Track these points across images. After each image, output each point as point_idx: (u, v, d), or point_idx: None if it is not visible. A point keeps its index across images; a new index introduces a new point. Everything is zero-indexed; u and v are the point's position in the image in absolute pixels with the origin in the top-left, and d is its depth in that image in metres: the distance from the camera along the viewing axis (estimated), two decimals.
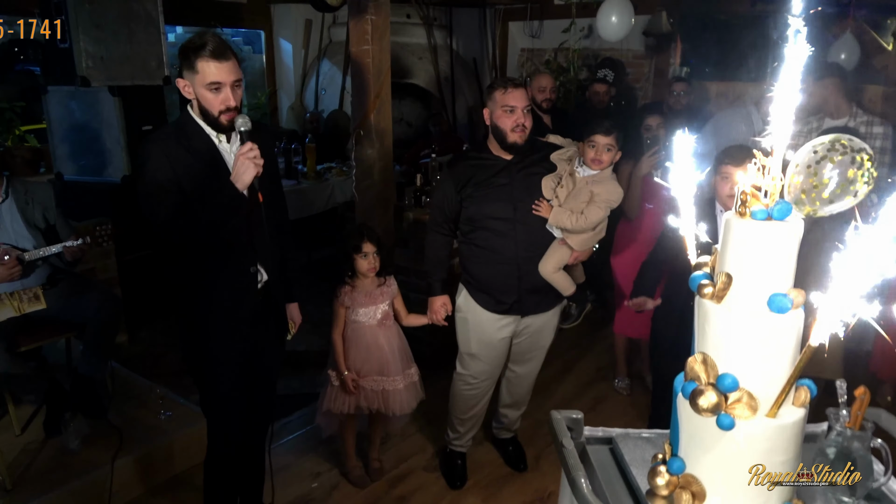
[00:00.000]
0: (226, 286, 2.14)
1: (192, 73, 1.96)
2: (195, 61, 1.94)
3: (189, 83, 1.99)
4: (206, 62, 1.94)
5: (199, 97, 1.99)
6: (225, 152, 2.10)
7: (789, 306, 1.20)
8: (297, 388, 3.71)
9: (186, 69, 1.98)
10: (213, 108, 1.99)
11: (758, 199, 1.22)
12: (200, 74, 1.95)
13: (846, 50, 4.22)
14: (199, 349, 2.20)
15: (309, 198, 5.46)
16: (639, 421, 3.48)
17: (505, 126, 2.50)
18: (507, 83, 2.50)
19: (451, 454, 3.02)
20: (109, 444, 2.81)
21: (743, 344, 1.23)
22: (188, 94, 2.02)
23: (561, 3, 6.36)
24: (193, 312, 2.17)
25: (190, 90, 2.00)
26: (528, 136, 2.52)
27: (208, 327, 2.15)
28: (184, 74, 1.99)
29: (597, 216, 2.50)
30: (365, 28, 3.18)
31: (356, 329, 2.68)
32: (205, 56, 1.93)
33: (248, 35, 7.26)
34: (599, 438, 1.61)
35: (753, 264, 1.22)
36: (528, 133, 2.51)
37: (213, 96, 1.97)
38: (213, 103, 1.98)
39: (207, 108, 2.00)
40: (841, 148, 1.15)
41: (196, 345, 2.20)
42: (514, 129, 2.49)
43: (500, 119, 2.50)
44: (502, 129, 2.51)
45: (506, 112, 2.49)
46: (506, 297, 2.64)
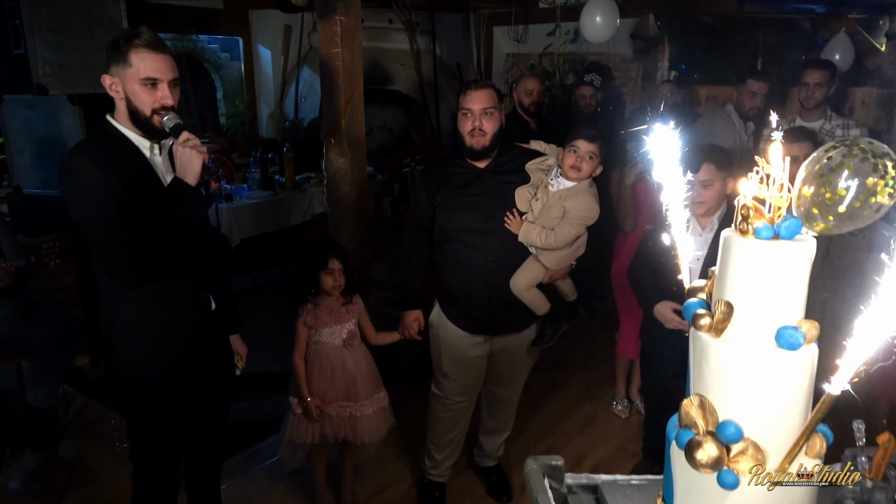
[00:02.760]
0: (177, 314, 1.89)
1: (123, 66, 1.69)
2: (127, 53, 1.68)
3: (117, 80, 1.72)
4: (140, 54, 1.69)
5: (130, 95, 1.72)
6: (158, 166, 1.85)
7: (801, 341, 1.02)
8: (269, 411, 3.50)
9: (116, 63, 1.70)
10: (146, 108, 1.73)
11: (761, 215, 1.03)
12: (133, 68, 1.69)
13: (840, 50, 4.08)
14: (142, 390, 1.90)
15: (286, 209, 5.26)
16: (632, 442, 3.28)
17: (462, 130, 2.33)
18: (468, 85, 2.33)
19: (428, 485, 2.82)
20: (58, 482, 2.59)
21: (747, 386, 1.04)
22: (116, 94, 1.74)
23: (546, 7, 6.21)
24: (138, 347, 1.87)
25: (118, 89, 1.73)
26: (489, 141, 2.33)
27: (155, 362, 1.88)
28: (111, 70, 1.73)
29: (568, 234, 2.30)
30: (334, 30, 2.99)
31: (319, 351, 2.48)
32: (139, 46, 1.69)
33: (226, 42, 7.06)
34: (583, 486, 1.41)
35: (758, 291, 1.03)
36: (488, 138, 2.32)
37: (148, 93, 1.71)
38: (145, 101, 1.72)
39: (138, 107, 1.73)
40: (860, 153, 0.97)
41: (138, 384, 1.90)
42: (471, 133, 2.32)
43: (460, 123, 2.35)
44: (461, 133, 2.35)
45: (464, 115, 2.32)
46: (476, 312, 2.46)
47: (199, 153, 1.73)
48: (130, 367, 1.88)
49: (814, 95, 3.41)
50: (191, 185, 1.74)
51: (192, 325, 1.93)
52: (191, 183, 1.74)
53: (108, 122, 1.80)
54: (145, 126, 1.77)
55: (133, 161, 1.79)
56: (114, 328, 1.86)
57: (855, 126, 3.53)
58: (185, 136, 1.74)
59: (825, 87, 3.40)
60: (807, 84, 3.43)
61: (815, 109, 3.47)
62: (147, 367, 1.89)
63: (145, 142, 1.81)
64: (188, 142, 1.73)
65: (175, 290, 1.88)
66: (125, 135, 1.79)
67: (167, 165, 1.87)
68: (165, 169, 1.87)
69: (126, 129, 1.79)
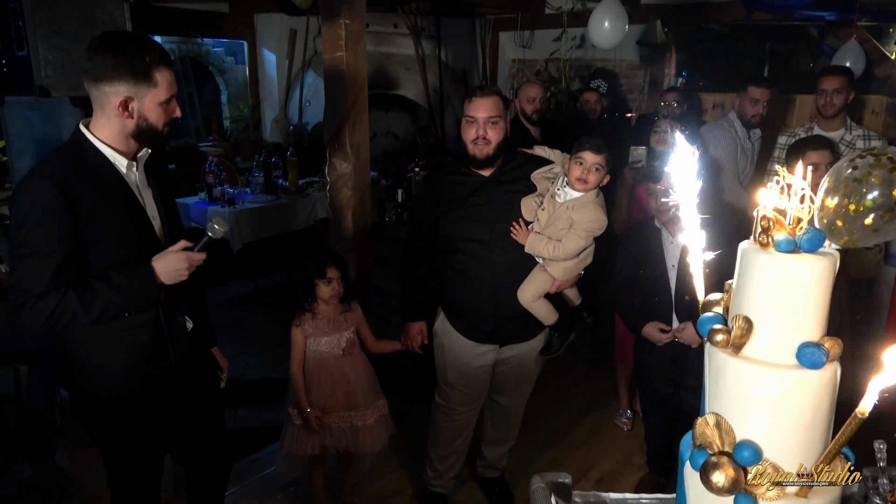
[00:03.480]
0: (150, 346, 1.74)
1: (147, 86, 1.58)
2: (151, 71, 1.58)
3: (134, 98, 1.58)
4: (162, 71, 1.60)
5: (147, 114, 1.62)
6: (133, 184, 1.72)
7: (824, 360, 0.96)
8: (269, 419, 3.46)
9: (133, 81, 1.56)
10: (161, 123, 1.66)
11: (783, 227, 0.98)
12: (158, 88, 1.60)
13: (850, 58, 4.03)
14: (115, 425, 1.78)
15: (289, 213, 5.22)
16: (637, 455, 3.22)
17: (465, 138, 2.29)
18: (473, 91, 2.28)
19: (430, 496, 2.76)
20: (53, 489, 2.54)
21: (766, 405, 0.99)
22: (126, 114, 1.60)
23: (552, 12, 6.18)
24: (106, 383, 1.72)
25: (134, 107, 1.60)
26: (493, 150, 2.29)
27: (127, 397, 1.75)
28: (125, 90, 1.57)
29: (575, 246, 2.24)
30: (338, 33, 2.95)
31: (318, 360, 2.43)
32: (159, 63, 1.59)
33: (231, 45, 7.06)
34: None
35: (778, 306, 0.98)
36: (492, 148, 2.28)
37: (163, 111, 1.64)
38: (161, 118, 1.65)
39: (154, 124, 1.64)
40: (889, 163, 0.92)
41: (110, 420, 1.77)
42: (474, 142, 2.27)
43: (463, 131, 2.30)
44: (464, 141, 2.30)
45: (468, 123, 2.27)
46: (482, 324, 2.41)
47: (188, 273, 1.69)
48: (98, 398, 1.76)
49: (832, 102, 3.32)
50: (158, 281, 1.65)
51: (164, 351, 1.79)
52: (161, 280, 1.66)
53: (82, 133, 1.64)
54: (154, 140, 1.69)
55: (106, 179, 1.65)
56: (76, 357, 1.74)
57: (877, 137, 3.41)
58: (202, 256, 1.71)
59: (843, 93, 3.31)
60: (824, 91, 3.34)
61: (833, 118, 3.37)
62: (116, 398, 1.75)
63: (122, 159, 1.68)
64: (192, 258, 1.68)
65: (141, 321, 1.73)
66: (101, 151, 1.65)
67: (143, 181, 1.77)
68: (141, 184, 1.76)
69: (104, 145, 1.65)
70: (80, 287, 1.57)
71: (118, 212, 1.65)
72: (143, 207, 1.73)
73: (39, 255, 1.53)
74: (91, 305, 1.57)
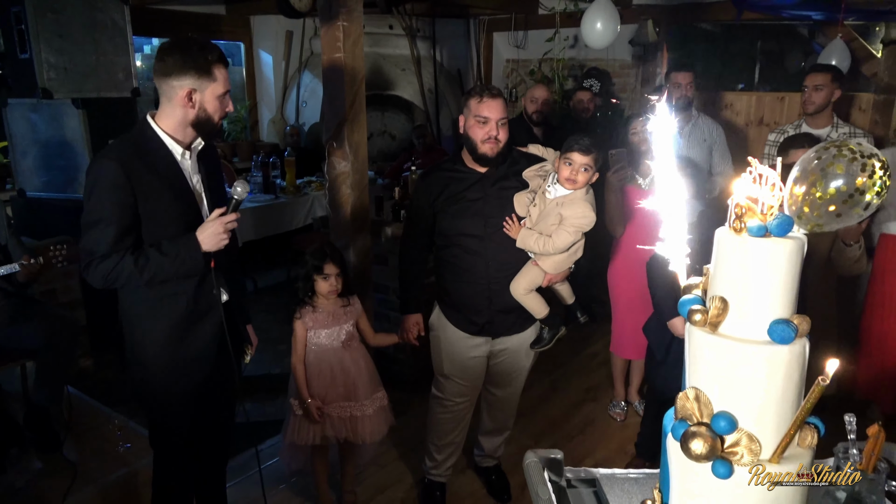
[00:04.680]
0: (189, 313, 1.97)
1: (207, 80, 1.82)
2: (212, 68, 1.81)
3: (197, 90, 1.82)
4: (220, 69, 1.83)
5: (206, 105, 1.85)
6: (186, 170, 1.95)
7: (793, 335, 1.05)
8: (272, 413, 3.53)
9: (196, 76, 1.81)
10: (216, 115, 1.89)
11: (754, 213, 1.07)
12: (217, 83, 1.83)
13: (837, 56, 4.11)
14: (156, 382, 2.00)
15: (287, 212, 5.29)
16: (630, 445, 3.30)
17: (476, 137, 2.35)
18: (483, 92, 2.34)
19: (429, 485, 2.84)
20: (62, 481, 2.61)
21: (740, 378, 1.07)
22: (188, 104, 1.84)
23: (546, 13, 6.26)
24: (150, 343, 1.97)
25: (196, 98, 1.84)
26: (501, 149, 2.37)
27: (168, 358, 1.97)
28: (188, 82, 1.81)
29: (564, 241, 2.32)
30: (336, 34, 3.03)
31: (319, 352, 2.50)
32: (218, 62, 1.82)
33: (228, 47, 7.10)
34: (582, 480, 1.44)
35: (751, 287, 1.07)
36: (500, 146, 2.36)
37: (221, 104, 1.87)
38: (219, 111, 1.88)
39: (211, 115, 1.87)
40: (849, 153, 1.00)
41: (152, 378, 2.00)
42: (484, 141, 2.34)
43: (472, 129, 2.36)
44: (473, 139, 2.37)
45: (479, 122, 2.34)
46: (477, 317, 2.50)
47: (227, 237, 1.88)
48: (143, 356, 1.97)
49: (812, 99, 3.40)
50: (202, 249, 1.87)
51: (200, 320, 2.00)
52: (204, 249, 1.86)
53: (148, 123, 1.89)
54: (210, 130, 1.91)
55: (164, 164, 1.88)
56: (126, 319, 1.96)
57: (863, 134, 3.48)
58: (234, 216, 1.89)
59: (824, 90, 3.37)
60: (806, 88, 3.43)
61: (818, 115, 3.44)
62: (159, 356, 1.97)
63: (178, 147, 1.91)
64: (231, 223, 1.88)
65: (183, 288, 1.95)
66: (162, 138, 1.88)
67: (194, 167, 1.99)
68: (192, 170, 1.98)
69: (164, 134, 1.89)
70: (135, 252, 1.81)
71: (170, 192, 1.88)
72: (192, 191, 1.94)
73: (104, 222, 1.77)
74: (144, 268, 1.80)
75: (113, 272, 1.78)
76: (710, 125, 3.89)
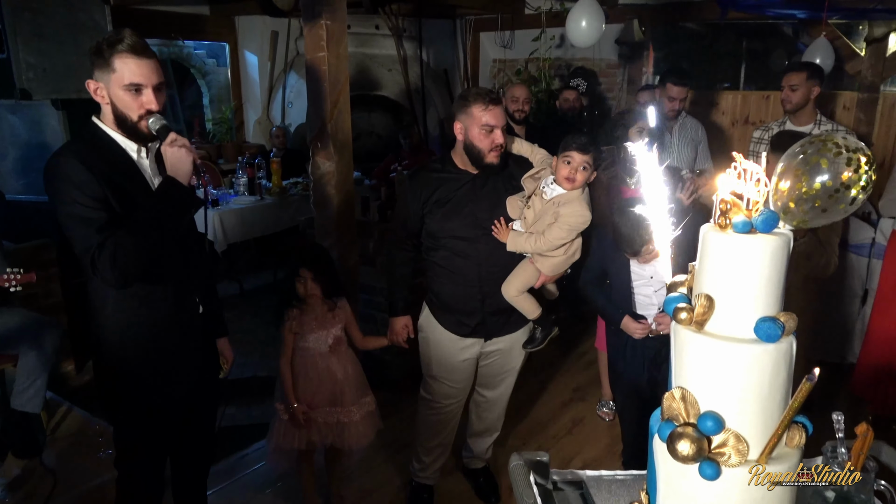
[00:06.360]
0: (168, 322, 1.88)
1: (107, 72, 1.70)
2: (111, 58, 1.69)
3: (102, 85, 1.73)
4: (123, 59, 1.69)
5: (115, 101, 1.73)
6: (145, 169, 1.85)
7: (780, 333, 1.03)
8: (258, 416, 3.49)
9: (100, 68, 1.71)
10: (132, 113, 1.73)
11: (739, 209, 1.05)
12: (118, 73, 1.69)
13: (820, 55, 4.12)
14: (127, 394, 1.89)
15: (273, 214, 5.25)
16: (618, 444, 3.28)
17: (483, 146, 2.31)
18: (487, 99, 2.28)
19: (417, 487, 2.81)
20: (41, 489, 2.56)
21: (727, 378, 1.05)
22: (101, 99, 1.75)
23: (532, 13, 6.26)
24: (123, 351, 1.86)
25: (104, 93, 1.73)
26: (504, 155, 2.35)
27: (141, 367, 1.87)
28: (95, 75, 1.73)
29: (556, 237, 2.29)
30: (319, 34, 2.99)
31: (305, 356, 2.47)
32: (122, 51, 1.68)
33: (212, 48, 7.04)
34: (569, 482, 1.42)
35: (736, 284, 1.05)
36: (503, 152, 2.34)
37: (132, 98, 1.72)
38: (131, 107, 1.72)
39: (124, 112, 1.73)
40: (834, 148, 0.99)
41: (123, 389, 1.89)
42: (492, 150, 2.31)
43: (478, 138, 2.30)
44: (480, 148, 2.31)
45: (485, 132, 2.29)
46: (468, 318, 2.47)
47: (189, 152, 1.74)
48: (116, 371, 1.87)
49: (789, 98, 3.43)
50: (183, 183, 1.74)
51: (179, 330, 1.91)
52: (183, 182, 1.74)
53: (95, 123, 1.80)
54: (132, 131, 1.77)
55: (120, 163, 1.78)
56: (100, 332, 1.86)
57: (846, 132, 3.50)
58: (173, 136, 1.74)
59: (800, 88, 3.39)
60: (783, 87, 3.46)
61: (800, 113, 3.46)
62: (132, 371, 1.87)
63: (132, 144, 1.80)
64: (176, 142, 1.72)
65: (162, 295, 1.86)
66: (112, 137, 1.78)
67: (154, 169, 1.87)
68: (153, 172, 1.87)
69: (112, 131, 1.78)
70: (122, 224, 1.70)
71: (128, 190, 1.76)
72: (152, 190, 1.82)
73: (80, 218, 1.67)
74: (138, 227, 1.69)
75: (116, 254, 1.66)
76: (695, 125, 3.95)
